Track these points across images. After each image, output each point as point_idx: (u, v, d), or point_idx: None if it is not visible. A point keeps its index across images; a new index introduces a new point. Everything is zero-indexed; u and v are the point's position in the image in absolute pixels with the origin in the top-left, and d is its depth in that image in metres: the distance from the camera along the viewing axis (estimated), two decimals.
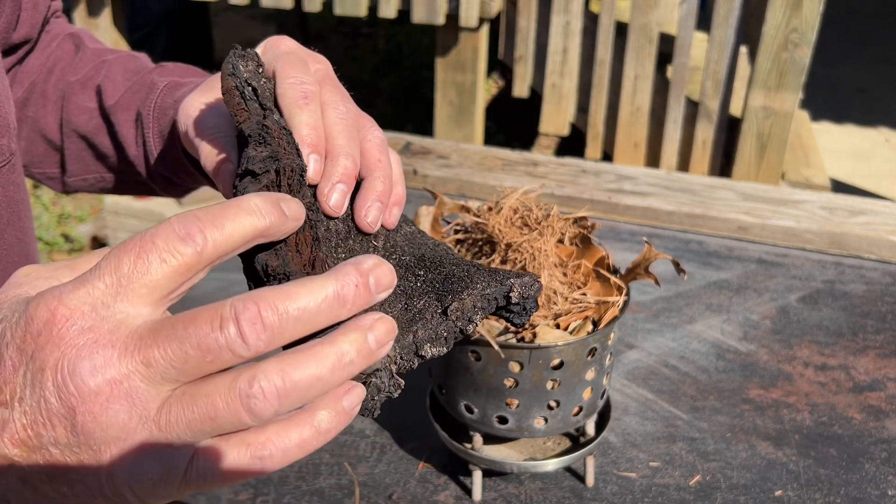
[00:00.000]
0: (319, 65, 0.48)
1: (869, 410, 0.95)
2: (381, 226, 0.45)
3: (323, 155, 0.42)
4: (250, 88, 0.41)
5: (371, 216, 0.44)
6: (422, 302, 0.42)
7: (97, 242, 3.32)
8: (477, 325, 0.42)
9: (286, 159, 0.39)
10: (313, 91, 0.43)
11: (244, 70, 0.42)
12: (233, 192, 0.39)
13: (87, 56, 0.65)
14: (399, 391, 0.38)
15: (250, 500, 0.81)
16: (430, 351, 0.40)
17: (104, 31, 3.30)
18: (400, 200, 0.46)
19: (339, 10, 2.87)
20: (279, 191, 0.38)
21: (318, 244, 0.40)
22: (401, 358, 0.39)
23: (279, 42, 0.48)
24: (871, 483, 0.83)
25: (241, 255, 0.38)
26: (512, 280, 0.42)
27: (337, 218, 0.42)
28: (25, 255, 0.56)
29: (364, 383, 0.37)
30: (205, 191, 0.64)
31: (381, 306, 0.41)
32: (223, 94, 0.42)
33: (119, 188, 0.66)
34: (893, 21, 5.97)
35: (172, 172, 0.59)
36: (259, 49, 0.48)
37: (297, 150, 0.41)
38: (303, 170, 0.40)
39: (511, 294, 0.42)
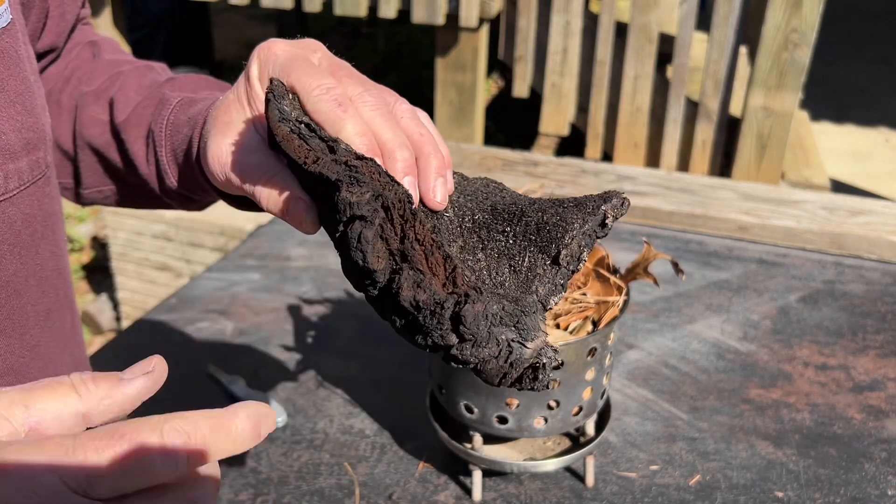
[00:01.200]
0: (318, 53, 0.47)
1: (869, 410, 0.95)
2: None
3: (379, 155, 0.42)
4: (304, 126, 0.41)
5: (439, 195, 0.44)
6: (526, 259, 0.42)
7: (97, 242, 3.32)
8: (585, 261, 0.43)
9: (389, 192, 0.38)
10: (342, 94, 0.43)
11: (290, 109, 0.42)
12: (337, 234, 0.39)
13: (103, 66, 0.63)
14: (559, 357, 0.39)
15: (250, 500, 0.81)
16: (553, 301, 0.41)
17: (104, 31, 3.30)
18: (450, 162, 0.46)
19: (339, 10, 2.87)
20: (392, 225, 0.38)
21: (451, 260, 0.39)
22: (522, 329, 0.39)
23: (273, 50, 0.47)
24: (871, 483, 0.83)
25: (376, 296, 0.39)
26: (603, 207, 0.43)
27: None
28: (58, 268, 0.55)
29: (535, 367, 0.38)
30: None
31: (490, 274, 0.41)
32: (280, 141, 0.41)
33: (135, 202, 0.64)
34: (893, 21, 5.97)
35: (189, 191, 0.57)
36: (255, 64, 0.47)
37: (389, 175, 0.40)
38: (409, 197, 0.39)
39: (606, 220, 0.43)
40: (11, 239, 0.49)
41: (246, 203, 0.54)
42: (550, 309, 0.41)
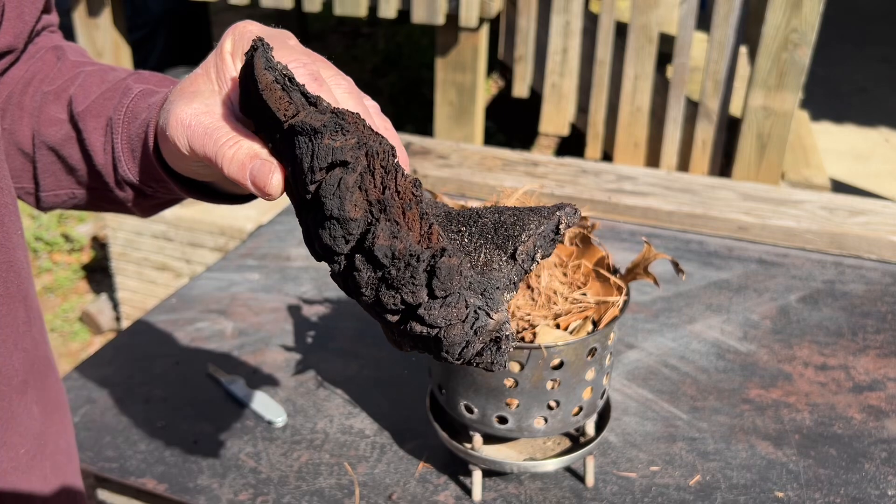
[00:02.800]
0: (293, 40, 0.48)
1: (869, 410, 0.95)
2: None
3: None
4: (288, 80, 0.40)
5: None
6: (482, 255, 0.43)
7: (97, 242, 3.32)
8: (538, 262, 0.44)
9: (373, 143, 0.38)
10: (317, 71, 0.43)
11: (278, 61, 0.41)
12: (312, 187, 0.38)
13: (66, 67, 0.63)
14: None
15: (250, 500, 0.81)
16: (508, 297, 0.42)
17: (104, 31, 3.30)
18: (407, 162, 0.45)
19: (338, 10, 2.87)
20: (373, 176, 0.38)
21: (427, 217, 0.38)
22: (489, 298, 0.40)
23: (249, 28, 0.47)
24: (871, 483, 0.83)
25: (342, 260, 0.38)
26: (558, 214, 0.45)
27: None
28: (8, 262, 0.54)
29: (496, 339, 0.39)
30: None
31: None
32: (262, 90, 0.40)
33: (91, 204, 0.64)
34: (893, 21, 5.97)
35: (143, 181, 0.56)
36: (228, 40, 0.48)
37: (373, 130, 0.40)
38: (393, 149, 0.39)
39: (560, 225, 0.45)
40: None
41: (202, 191, 0.53)
42: (507, 303, 0.42)
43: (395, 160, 0.39)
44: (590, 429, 0.80)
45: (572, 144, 3.47)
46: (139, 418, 0.93)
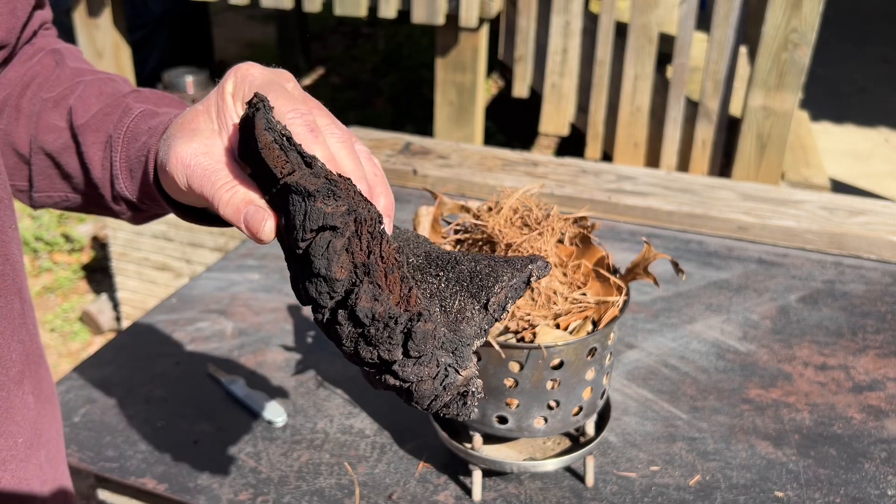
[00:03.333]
0: (291, 83, 0.49)
1: (868, 410, 0.95)
2: None
3: None
4: (286, 139, 0.43)
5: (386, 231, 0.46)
6: (457, 302, 0.46)
7: (97, 242, 3.32)
8: (509, 312, 0.47)
9: (362, 210, 0.41)
10: (313, 121, 0.45)
11: (276, 121, 0.44)
12: (303, 244, 0.41)
13: (66, 74, 0.63)
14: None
15: (250, 499, 0.81)
16: (477, 343, 0.44)
17: (104, 32, 3.30)
18: (393, 205, 0.48)
19: (339, 10, 2.87)
20: (360, 240, 0.41)
21: (407, 280, 0.42)
22: (459, 357, 0.42)
23: (251, 72, 0.49)
24: (871, 483, 0.83)
25: (325, 312, 0.41)
26: (530, 267, 0.47)
27: None
28: (4, 254, 0.55)
29: (464, 394, 0.42)
30: None
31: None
32: (261, 148, 0.42)
33: (84, 208, 0.65)
34: (893, 21, 5.97)
35: (139, 199, 0.58)
36: (230, 81, 0.49)
37: (363, 196, 0.43)
38: (380, 217, 0.42)
39: (531, 278, 0.47)
40: None
41: (194, 215, 0.55)
42: (475, 349, 0.44)
43: (381, 226, 0.42)
44: (590, 429, 0.80)
45: (572, 144, 3.47)
46: (139, 418, 0.93)
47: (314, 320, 0.42)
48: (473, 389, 0.42)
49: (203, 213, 0.55)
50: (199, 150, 0.47)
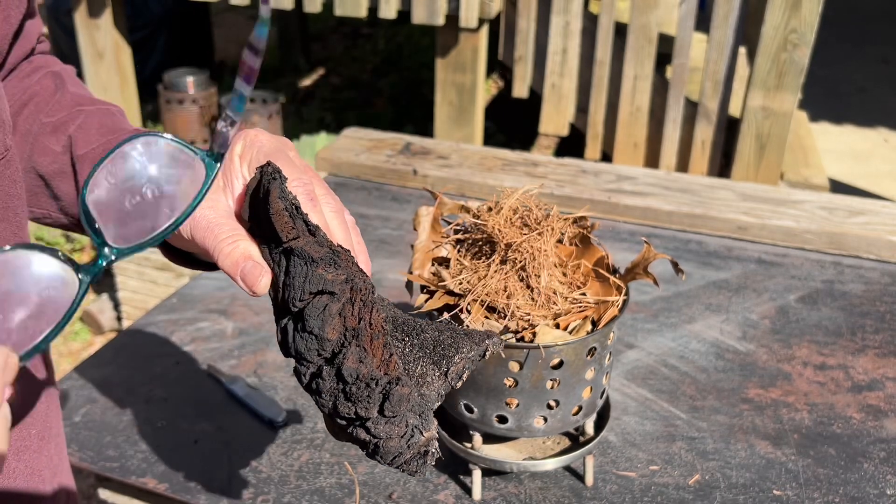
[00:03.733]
0: (293, 151, 0.54)
1: (868, 410, 0.95)
2: None
3: None
4: (295, 208, 0.47)
5: None
6: (419, 367, 0.50)
7: None
8: (464, 381, 0.52)
9: (359, 280, 0.46)
10: (313, 191, 0.50)
11: (290, 192, 0.48)
12: (300, 304, 0.45)
13: (66, 100, 0.65)
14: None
15: (251, 499, 0.82)
16: (435, 406, 0.49)
17: (105, 32, 3.30)
18: (369, 265, 0.53)
19: (339, 10, 2.87)
20: (353, 307, 0.45)
21: (389, 347, 0.47)
22: (424, 419, 0.47)
23: (259, 138, 0.53)
24: (870, 482, 0.84)
25: (312, 367, 0.46)
26: (486, 342, 0.52)
27: None
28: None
29: (424, 453, 0.46)
30: None
31: None
32: (272, 214, 0.47)
33: (67, 227, 0.67)
34: (892, 21, 5.97)
35: None
36: (239, 144, 0.53)
37: (360, 268, 0.48)
38: (373, 287, 0.47)
39: (486, 353, 0.52)
40: None
41: (180, 257, 0.59)
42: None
43: (374, 296, 0.47)
44: (589, 428, 0.80)
45: (572, 145, 3.48)
46: (140, 418, 0.93)
47: (294, 372, 0.47)
48: (433, 450, 0.47)
49: (189, 257, 0.58)
50: (206, 205, 0.50)
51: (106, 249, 0.41)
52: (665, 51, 2.94)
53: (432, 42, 3.23)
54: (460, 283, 0.74)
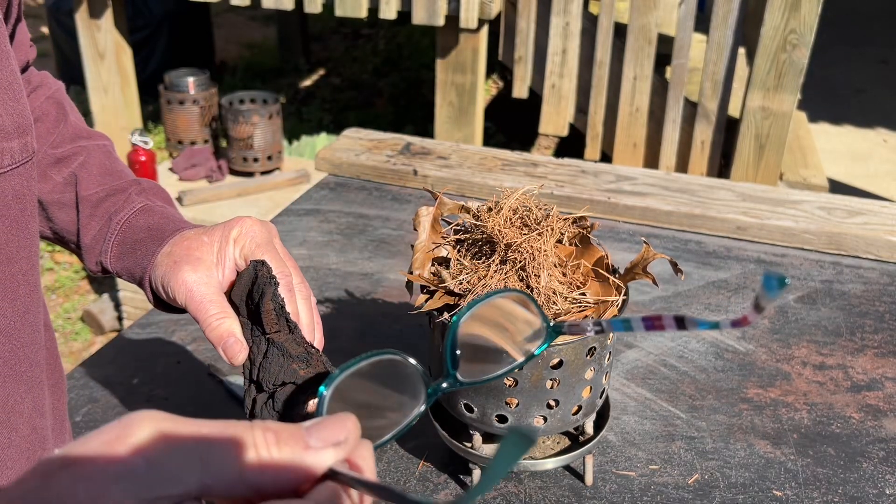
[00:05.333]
0: (276, 237, 0.63)
1: (867, 410, 0.95)
2: None
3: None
4: (281, 307, 0.57)
5: None
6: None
7: None
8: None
9: (321, 374, 0.56)
10: (291, 282, 0.60)
11: (279, 295, 0.57)
12: (271, 387, 0.55)
13: (68, 132, 0.72)
14: None
15: None
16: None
17: (105, 33, 3.30)
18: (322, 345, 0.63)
19: (339, 11, 2.87)
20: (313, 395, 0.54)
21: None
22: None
23: (253, 227, 0.62)
24: (869, 482, 0.84)
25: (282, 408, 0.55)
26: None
27: None
28: (38, 246, 0.61)
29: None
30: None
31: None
32: (263, 310, 0.57)
33: (53, 242, 0.74)
34: (891, 22, 5.98)
35: (118, 275, 0.69)
36: (236, 228, 0.62)
37: (327, 367, 0.56)
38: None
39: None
40: (4, 211, 0.55)
41: (166, 306, 0.66)
42: None
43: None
44: (589, 428, 0.80)
45: (571, 145, 3.48)
46: None
47: (245, 407, 0.58)
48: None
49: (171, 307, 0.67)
50: (201, 280, 0.60)
51: (453, 379, 0.46)
52: (664, 51, 2.94)
53: (432, 43, 3.23)
54: (460, 283, 0.74)
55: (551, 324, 0.50)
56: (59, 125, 0.72)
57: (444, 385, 0.43)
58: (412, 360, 0.40)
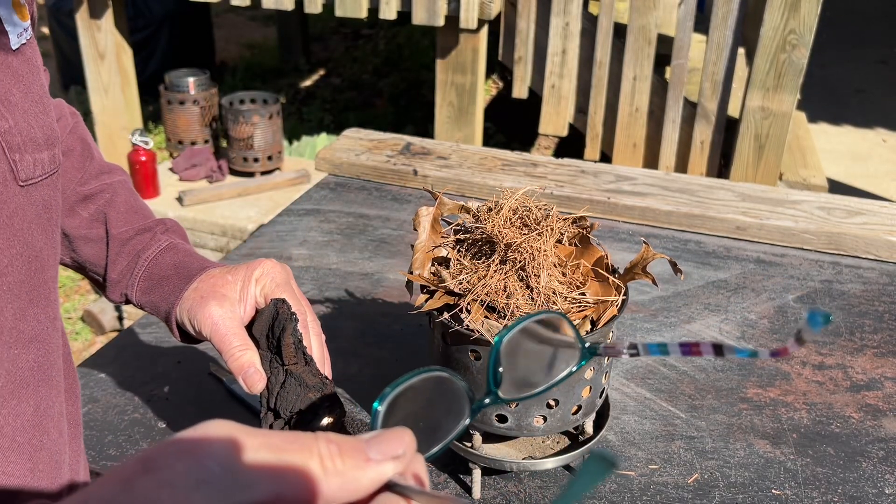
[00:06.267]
0: (292, 279, 0.69)
1: (866, 409, 0.95)
2: None
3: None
4: (299, 341, 0.63)
5: None
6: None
7: None
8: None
9: (338, 408, 0.61)
10: (306, 320, 0.65)
11: (298, 330, 0.64)
12: (288, 414, 0.60)
13: (94, 169, 0.77)
14: None
15: None
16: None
17: (106, 33, 3.30)
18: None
19: (339, 11, 2.87)
20: (332, 428, 0.58)
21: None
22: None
23: (276, 269, 0.68)
24: (869, 481, 0.84)
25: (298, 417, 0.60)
26: None
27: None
28: (55, 256, 0.63)
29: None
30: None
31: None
32: (283, 344, 0.63)
33: (69, 267, 0.78)
34: (891, 22, 5.98)
35: (140, 307, 0.75)
36: (259, 269, 0.68)
37: (339, 399, 0.62)
38: (345, 413, 0.61)
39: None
40: (36, 218, 0.57)
41: (187, 337, 0.72)
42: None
43: (346, 417, 0.61)
44: (589, 427, 0.80)
45: (571, 145, 3.48)
46: (141, 417, 0.93)
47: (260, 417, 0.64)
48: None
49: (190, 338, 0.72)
50: (226, 315, 0.66)
51: (494, 396, 0.48)
52: (664, 52, 2.94)
53: (432, 43, 3.23)
54: (460, 283, 0.74)
55: (587, 345, 0.52)
56: (86, 162, 0.77)
57: (487, 401, 0.46)
58: (457, 378, 0.43)
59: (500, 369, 0.48)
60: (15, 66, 0.55)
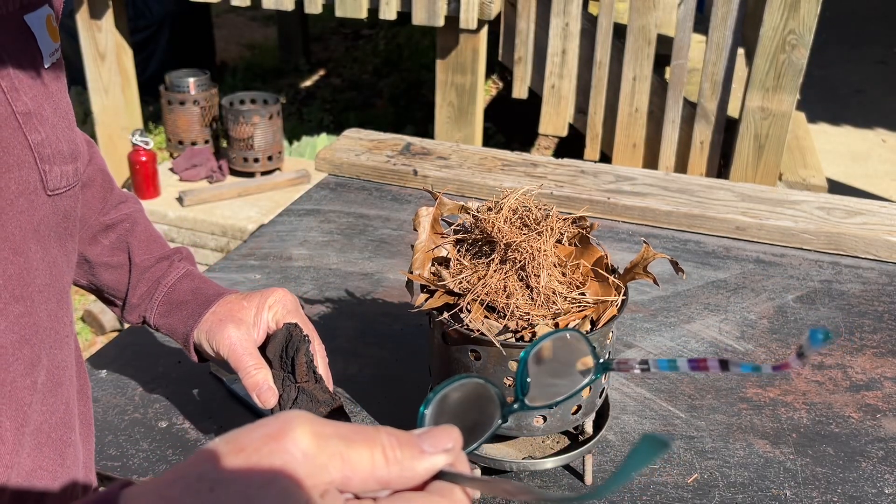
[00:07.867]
0: (297, 302, 0.77)
1: (866, 409, 0.95)
2: None
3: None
4: (311, 361, 0.71)
5: None
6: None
7: None
8: None
9: (345, 420, 0.63)
10: (314, 345, 0.73)
11: (310, 351, 0.71)
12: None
13: (114, 198, 0.83)
14: None
15: None
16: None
17: (106, 33, 3.31)
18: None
19: (339, 11, 2.88)
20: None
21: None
22: None
23: (287, 297, 0.76)
24: (868, 481, 0.84)
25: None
26: None
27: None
28: (69, 265, 0.65)
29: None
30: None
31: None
32: (297, 363, 0.71)
33: (83, 288, 0.83)
34: (890, 22, 5.98)
35: (156, 329, 0.80)
36: (272, 296, 0.75)
37: (346, 413, 0.71)
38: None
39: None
40: (56, 227, 0.60)
41: (201, 356, 0.79)
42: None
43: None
44: (588, 427, 0.80)
45: (571, 145, 3.49)
46: (141, 417, 0.93)
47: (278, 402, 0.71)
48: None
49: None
50: (242, 337, 0.73)
51: (521, 403, 0.53)
52: (664, 52, 2.94)
53: (432, 43, 3.23)
54: (460, 283, 0.74)
55: (601, 360, 0.58)
56: (107, 193, 0.82)
57: (515, 406, 0.52)
58: (491, 384, 0.47)
59: (529, 380, 0.53)
60: (47, 82, 0.59)
